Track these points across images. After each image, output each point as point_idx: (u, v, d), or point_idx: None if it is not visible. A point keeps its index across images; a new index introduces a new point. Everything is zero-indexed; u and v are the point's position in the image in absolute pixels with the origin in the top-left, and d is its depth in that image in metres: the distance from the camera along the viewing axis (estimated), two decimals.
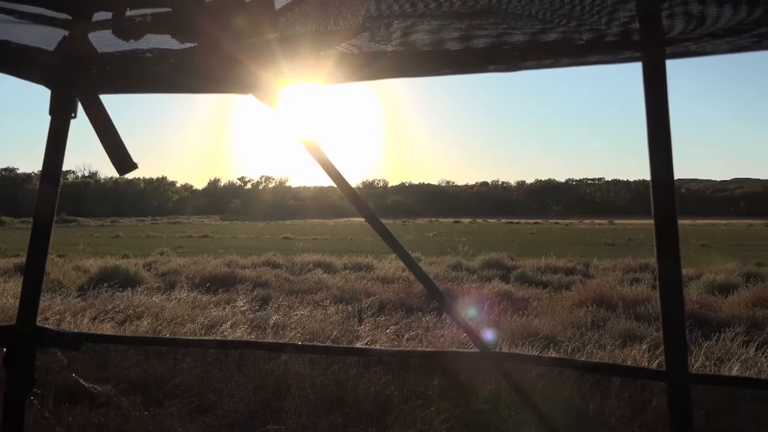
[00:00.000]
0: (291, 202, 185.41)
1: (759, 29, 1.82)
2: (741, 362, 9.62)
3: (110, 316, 12.69)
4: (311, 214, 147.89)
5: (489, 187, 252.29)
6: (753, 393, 2.45)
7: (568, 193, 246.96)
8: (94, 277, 18.88)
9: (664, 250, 1.90)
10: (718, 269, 22.98)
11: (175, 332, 11.30)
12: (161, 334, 11.05)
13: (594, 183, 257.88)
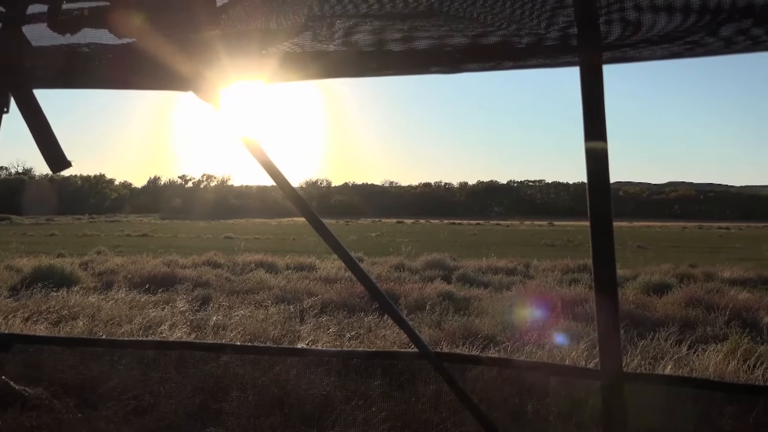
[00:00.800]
0: (233, 201, 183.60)
1: (692, 36, 1.87)
2: (674, 361, 9.86)
3: (44, 316, 12.35)
4: (254, 214, 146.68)
5: (432, 188, 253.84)
6: (685, 391, 2.52)
7: (510, 194, 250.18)
8: (27, 276, 18.35)
9: (600, 251, 1.94)
10: (653, 270, 23.58)
11: (112, 333, 11.06)
12: (97, 335, 10.81)
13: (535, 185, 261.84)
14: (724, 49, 1.93)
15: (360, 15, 2.03)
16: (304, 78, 2.61)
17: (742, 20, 1.74)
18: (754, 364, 9.60)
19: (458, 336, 11.44)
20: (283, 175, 2.59)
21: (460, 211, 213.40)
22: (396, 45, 2.20)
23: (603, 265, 1.95)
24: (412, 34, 2.09)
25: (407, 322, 2.96)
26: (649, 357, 10.25)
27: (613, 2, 1.72)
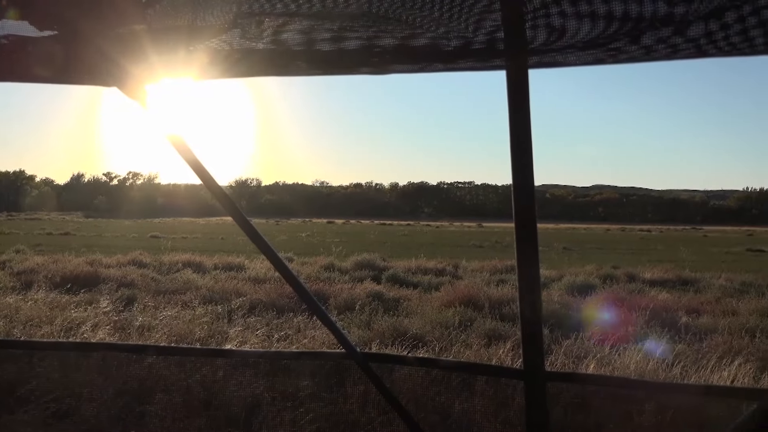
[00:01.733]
0: (160, 199, 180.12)
1: (614, 43, 1.92)
2: (597, 360, 10.11)
3: None
4: (182, 213, 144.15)
5: (363, 189, 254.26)
6: (605, 389, 2.58)
7: (440, 195, 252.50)
8: None
9: (524, 253, 1.97)
10: (578, 271, 24.16)
11: (31, 335, 10.70)
12: (15, 336, 10.45)
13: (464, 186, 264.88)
14: (645, 56, 1.99)
15: (289, 14, 2.01)
16: (233, 76, 2.58)
17: (662, 29, 1.80)
18: (672, 362, 9.93)
19: (387, 336, 11.48)
20: (209, 173, 2.56)
21: (390, 211, 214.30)
22: (325, 45, 2.19)
23: (527, 267, 1.98)
24: (342, 35, 2.09)
25: (334, 322, 2.96)
26: (573, 356, 10.48)
27: (539, 8, 1.76)
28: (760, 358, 10.24)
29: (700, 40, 1.84)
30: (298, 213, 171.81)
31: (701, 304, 16.72)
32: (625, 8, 1.69)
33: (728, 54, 1.88)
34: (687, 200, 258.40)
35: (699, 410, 4.92)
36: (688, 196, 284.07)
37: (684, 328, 13.21)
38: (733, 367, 9.52)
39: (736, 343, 11.05)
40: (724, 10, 1.67)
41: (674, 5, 1.64)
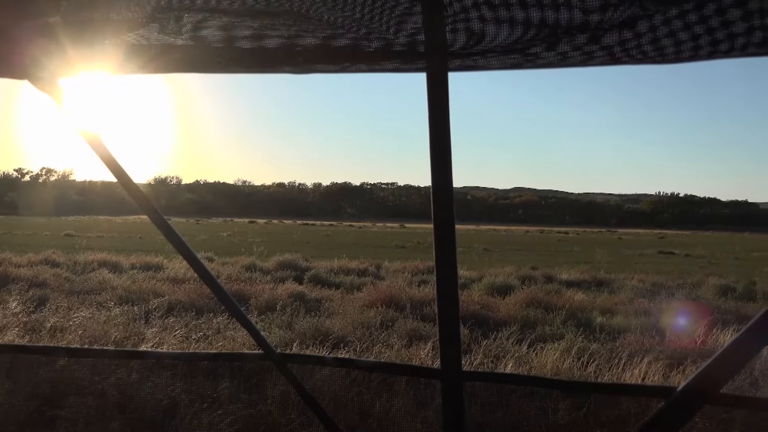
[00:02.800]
0: (75, 197, 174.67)
1: (532, 49, 1.96)
2: (515, 359, 10.31)
3: None
4: (98, 211, 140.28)
5: (286, 188, 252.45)
6: (523, 388, 2.63)
7: (363, 196, 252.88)
8: None
9: (442, 253, 1.99)
10: (498, 272, 24.57)
11: None
12: None
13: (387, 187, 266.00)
14: (561, 62, 2.04)
15: (209, 9, 1.98)
16: (151, 71, 2.52)
17: (578, 36, 1.85)
18: (587, 362, 10.21)
19: (309, 337, 11.43)
20: (125, 171, 2.49)
21: (313, 211, 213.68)
22: (246, 42, 2.16)
23: (445, 267, 2.00)
24: (263, 33, 2.06)
25: (252, 322, 2.93)
26: (492, 356, 10.66)
27: (459, 12, 1.78)
28: (669, 356, 10.62)
29: (613, 47, 1.90)
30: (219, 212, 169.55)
31: (615, 304, 17.25)
32: (542, 15, 1.72)
33: (640, 62, 1.95)
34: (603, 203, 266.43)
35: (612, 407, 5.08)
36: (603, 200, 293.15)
37: (598, 327, 13.59)
38: (644, 365, 9.85)
39: (647, 342, 11.44)
40: (637, 19, 1.73)
41: (589, 13, 1.69)
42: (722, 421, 2.27)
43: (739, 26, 1.71)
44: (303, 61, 2.23)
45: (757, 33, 1.72)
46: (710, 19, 1.69)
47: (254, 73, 2.36)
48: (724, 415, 2.24)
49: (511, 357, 10.43)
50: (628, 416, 4.76)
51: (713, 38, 1.77)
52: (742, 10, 1.65)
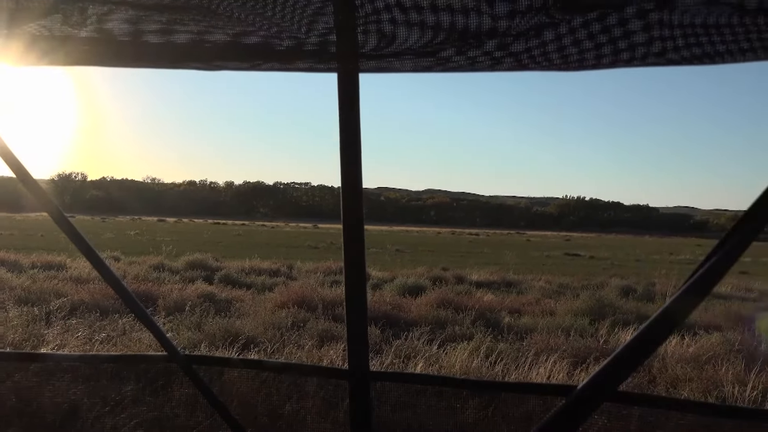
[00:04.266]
0: None
1: (442, 53, 1.99)
2: (425, 359, 10.41)
3: None
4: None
5: (197, 186, 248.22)
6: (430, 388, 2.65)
7: (276, 196, 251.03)
8: None
9: (351, 253, 1.99)
10: (410, 273, 24.77)
11: None
12: None
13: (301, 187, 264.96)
14: (471, 67, 2.07)
15: (115, 2, 1.92)
16: (53, 63, 2.43)
17: (487, 42, 1.89)
18: (495, 361, 10.41)
19: (218, 338, 11.25)
20: (23, 165, 2.39)
21: (225, 210, 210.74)
22: (154, 37, 2.11)
23: (354, 268, 2.00)
24: (171, 27, 2.02)
25: (156, 323, 2.86)
26: (402, 356, 10.74)
27: (370, 13, 1.78)
28: (573, 355, 10.95)
29: (521, 54, 1.94)
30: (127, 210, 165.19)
31: (523, 304, 17.63)
32: (452, 20, 1.75)
33: (546, 68, 2.00)
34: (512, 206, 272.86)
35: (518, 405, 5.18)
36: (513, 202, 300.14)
37: (506, 327, 13.87)
38: (549, 363, 10.12)
39: (552, 342, 11.74)
40: (543, 27, 1.77)
41: (498, 20, 1.72)
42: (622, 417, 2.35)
43: (640, 36, 1.78)
44: (212, 57, 2.19)
45: (657, 43, 1.80)
46: (613, 29, 1.76)
47: (161, 68, 2.31)
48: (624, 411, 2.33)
49: (422, 357, 10.53)
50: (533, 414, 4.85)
51: (615, 47, 1.84)
52: (643, 21, 1.71)
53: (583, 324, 14.03)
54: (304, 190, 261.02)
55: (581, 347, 11.44)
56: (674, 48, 1.81)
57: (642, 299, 19.97)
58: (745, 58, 1.80)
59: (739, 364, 10.64)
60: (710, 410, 2.20)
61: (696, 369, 10.30)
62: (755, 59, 1.80)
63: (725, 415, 2.15)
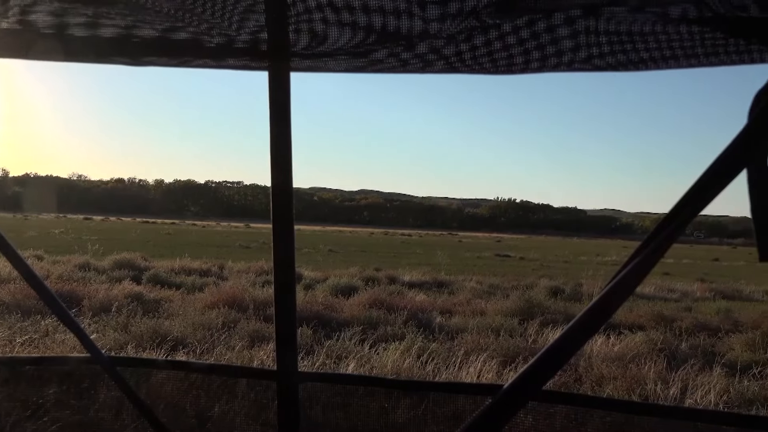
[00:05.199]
0: None
1: (374, 54, 1.99)
2: (357, 359, 10.42)
3: None
4: None
5: (125, 184, 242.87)
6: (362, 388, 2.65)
7: (207, 194, 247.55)
8: None
9: (280, 254, 1.98)
10: (342, 273, 24.74)
11: None
12: None
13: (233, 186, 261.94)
14: (402, 68, 2.08)
15: None
16: None
17: (418, 44, 1.90)
18: (427, 360, 10.49)
19: (146, 339, 11.02)
20: None
21: (154, 209, 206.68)
22: (79, 30, 2.05)
23: (283, 269, 1.99)
24: (97, 21, 1.96)
25: (79, 324, 2.79)
26: (334, 356, 10.72)
27: (302, 12, 1.77)
28: (503, 354, 11.11)
29: (451, 57, 1.96)
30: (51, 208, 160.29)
31: (454, 305, 17.81)
32: (383, 21, 1.75)
33: (476, 71, 2.02)
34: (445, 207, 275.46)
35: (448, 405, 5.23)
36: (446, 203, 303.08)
37: (438, 327, 13.99)
38: (479, 363, 10.25)
39: (482, 341, 11.90)
40: (473, 31, 1.79)
41: (429, 23, 1.73)
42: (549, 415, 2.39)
43: (567, 43, 1.81)
44: (140, 53, 2.13)
45: (583, 50, 1.84)
46: (541, 35, 1.79)
47: (86, 63, 2.24)
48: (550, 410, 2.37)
49: (354, 357, 10.53)
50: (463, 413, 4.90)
51: (543, 53, 1.88)
52: (570, 28, 1.75)
53: (512, 324, 14.26)
54: (236, 189, 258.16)
55: (510, 347, 11.62)
56: (600, 54, 1.85)
57: (570, 299, 20.43)
58: (668, 66, 1.86)
59: (661, 362, 10.98)
60: (632, 408, 2.26)
61: (620, 368, 10.58)
62: (677, 66, 1.85)
63: (646, 413, 2.21)
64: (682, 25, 1.68)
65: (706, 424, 2.13)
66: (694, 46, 1.77)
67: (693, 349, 12.90)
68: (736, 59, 1.79)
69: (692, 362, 11.08)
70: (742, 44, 1.73)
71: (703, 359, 11.86)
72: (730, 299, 23.89)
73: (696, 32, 1.71)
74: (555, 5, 1.64)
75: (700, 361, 11.58)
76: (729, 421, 2.13)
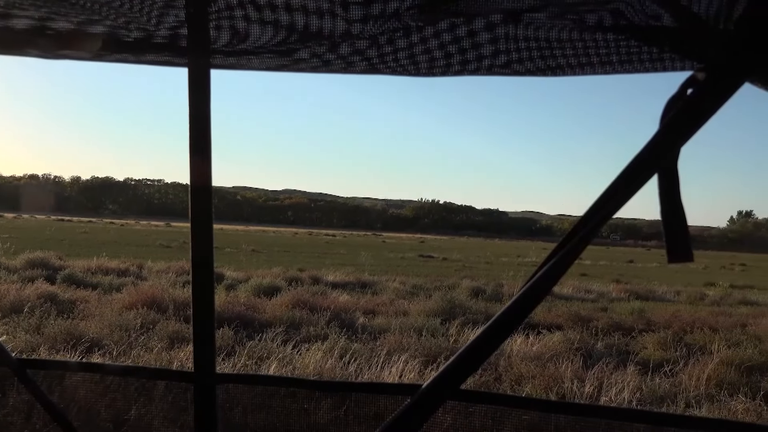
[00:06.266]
0: None
1: (297, 54, 1.98)
2: (279, 360, 10.34)
3: None
4: None
5: (39, 181, 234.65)
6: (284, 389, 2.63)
7: (126, 192, 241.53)
8: None
9: (199, 253, 1.95)
10: (265, 273, 24.52)
11: None
12: None
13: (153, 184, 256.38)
14: (324, 68, 2.08)
15: None
16: None
17: (340, 44, 1.90)
18: (349, 361, 10.50)
19: (60, 341, 10.68)
20: None
21: (70, 207, 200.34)
22: None
23: (201, 269, 1.96)
24: (9, 11, 1.88)
25: None
26: (256, 357, 10.62)
27: (223, 9, 1.74)
28: (425, 354, 11.21)
29: (373, 58, 1.97)
30: None
31: (377, 305, 17.87)
32: (306, 21, 1.74)
33: (398, 73, 2.03)
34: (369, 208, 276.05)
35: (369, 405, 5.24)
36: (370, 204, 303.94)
37: (361, 327, 14.02)
38: (401, 363, 10.31)
39: (405, 341, 11.97)
40: (396, 33, 1.80)
41: (351, 23, 1.73)
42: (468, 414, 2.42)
43: (487, 48, 1.84)
44: (54, 46, 2.06)
45: (502, 55, 1.88)
46: (462, 39, 1.81)
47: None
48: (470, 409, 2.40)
49: (275, 358, 10.45)
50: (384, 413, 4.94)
51: (464, 58, 1.90)
52: (491, 34, 1.78)
53: (434, 324, 14.39)
54: (157, 187, 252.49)
55: (432, 346, 11.73)
56: (519, 60, 1.89)
57: (491, 300, 20.75)
58: (584, 72, 1.91)
59: (578, 361, 11.28)
60: (549, 407, 2.31)
61: (539, 367, 10.82)
62: (593, 73, 1.91)
63: (562, 411, 2.26)
64: (598, 32, 1.72)
65: (619, 421, 2.19)
66: (609, 53, 1.82)
67: (608, 348, 13.30)
68: (650, 67, 1.85)
69: (607, 361, 11.42)
70: (655, 53, 1.79)
71: (618, 358, 12.24)
72: (643, 299, 24.71)
73: (611, 40, 1.76)
74: (476, 10, 1.66)
75: (615, 359, 11.95)
76: (640, 419, 2.20)
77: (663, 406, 9.54)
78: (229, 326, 12.48)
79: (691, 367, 11.39)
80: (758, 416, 9.15)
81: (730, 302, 25.74)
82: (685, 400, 9.85)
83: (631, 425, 2.18)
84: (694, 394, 10.11)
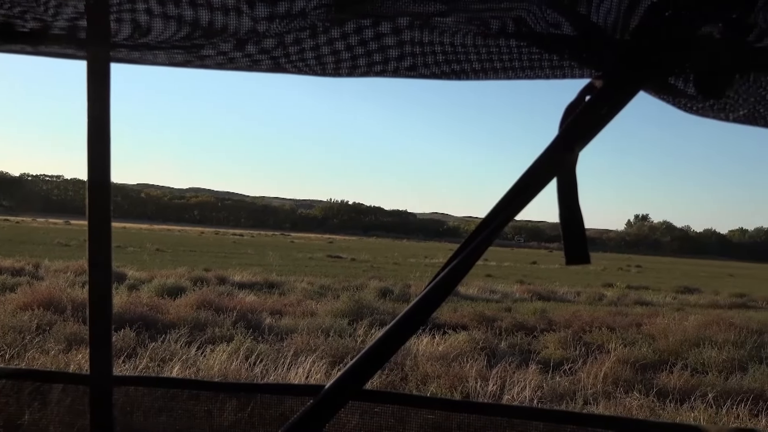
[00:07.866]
0: None
1: (201, 50, 1.95)
2: (182, 362, 10.13)
3: None
4: None
5: None
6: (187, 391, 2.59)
7: (23, 188, 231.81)
8: None
9: (96, 253, 1.89)
10: (170, 273, 23.99)
11: None
12: None
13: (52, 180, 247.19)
14: (230, 65, 2.05)
15: None
16: None
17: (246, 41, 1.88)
18: (255, 362, 10.39)
19: None
20: None
21: None
22: None
23: (98, 269, 1.90)
24: None
25: None
26: (158, 359, 10.37)
27: (124, 2, 1.69)
28: (332, 354, 11.21)
29: (279, 57, 1.96)
30: None
31: (284, 305, 17.76)
32: (210, 17, 1.71)
33: (304, 73, 2.03)
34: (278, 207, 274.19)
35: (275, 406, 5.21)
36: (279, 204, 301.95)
37: (268, 328, 13.90)
38: (308, 363, 10.28)
39: (312, 342, 11.94)
40: (302, 31, 1.79)
41: (257, 21, 1.71)
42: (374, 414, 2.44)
43: (394, 52, 1.86)
44: None
45: (408, 59, 1.90)
46: (369, 42, 1.82)
47: None
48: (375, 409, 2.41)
49: (179, 360, 10.24)
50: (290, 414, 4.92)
51: (371, 60, 1.92)
52: (397, 37, 1.80)
53: (342, 324, 14.42)
54: (55, 183, 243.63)
55: (339, 347, 11.76)
56: (424, 64, 1.92)
57: (398, 300, 20.94)
58: (488, 77, 1.95)
59: (482, 360, 11.51)
60: (453, 406, 2.34)
61: (444, 366, 10.98)
62: (497, 78, 1.95)
63: (465, 410, 2.30)
64: (501, 39, 1.76)
65: (520, 419, 2.24)
66: (512, 59, 1.87)
67: (511, 347, 13.63)
68: (550, 74, 1.90)
69: (510, 360, 11.71)
70: (555, 60, 1.84)
71: (521, 357, 12.56)
72: (545, 300, 25.44)
73: (514, 47, 1.80)
74: (384, 12, 1.67)
75: (518, 358, 12.26)
76: (540, 417, 2.26)
77: (563, 403, 9.84)
78: (131, 327, 12.14)
79: (589, 366, 11.79)
80: (651, 412, 9.56)
81: (626, 302, 26.81)
82: (584, 397, 10.19)
83: (530, 423, 2.23)
84: (591, 391, 10.47)
